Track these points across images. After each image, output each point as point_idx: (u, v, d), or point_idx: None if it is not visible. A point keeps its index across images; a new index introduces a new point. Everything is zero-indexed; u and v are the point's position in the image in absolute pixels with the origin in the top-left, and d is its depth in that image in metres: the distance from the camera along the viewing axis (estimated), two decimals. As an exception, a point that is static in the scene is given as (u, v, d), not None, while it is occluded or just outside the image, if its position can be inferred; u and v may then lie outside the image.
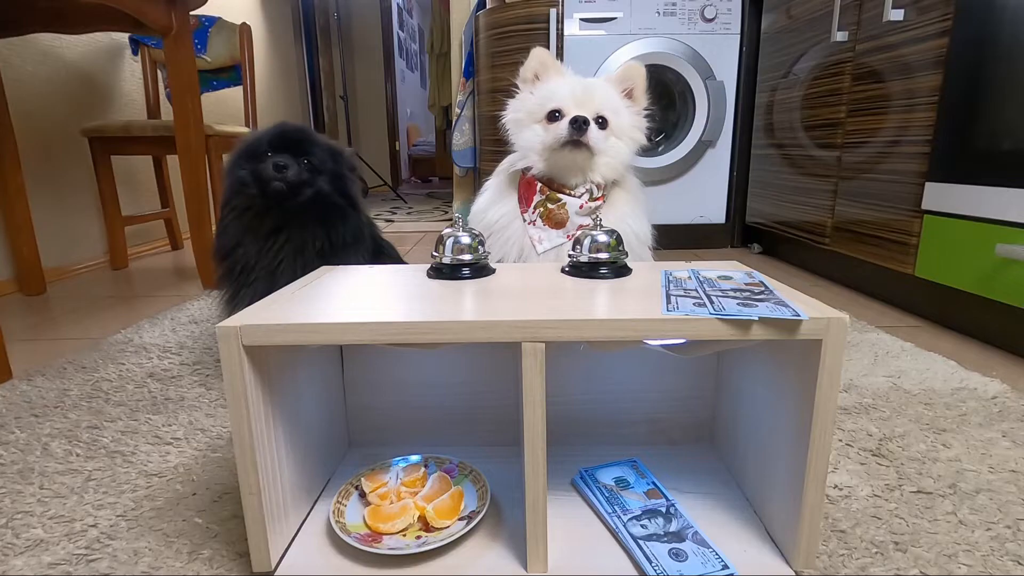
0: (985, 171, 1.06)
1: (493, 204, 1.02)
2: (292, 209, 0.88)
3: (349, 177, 0.94)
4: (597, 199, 0.95)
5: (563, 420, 0.72)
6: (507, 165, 1.03)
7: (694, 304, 0.50)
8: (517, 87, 1.01)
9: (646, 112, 0.99)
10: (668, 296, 0.53)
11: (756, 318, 0.46)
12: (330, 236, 0.90)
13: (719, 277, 0.59)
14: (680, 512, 0.58)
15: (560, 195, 0.94)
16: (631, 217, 0.96)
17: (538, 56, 0.98)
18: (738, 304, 0.49)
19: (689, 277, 0.60)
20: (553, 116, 0.94)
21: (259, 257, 0.88)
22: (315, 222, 0.89)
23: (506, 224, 0.98)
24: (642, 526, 0.56)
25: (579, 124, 0.89)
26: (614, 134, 0.95)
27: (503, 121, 1.01)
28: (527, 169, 0.97)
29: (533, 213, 0.95)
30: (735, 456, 0.65)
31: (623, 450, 0.70)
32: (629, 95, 0.98)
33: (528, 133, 0.96)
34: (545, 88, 0.96)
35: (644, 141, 0.99)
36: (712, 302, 0.50)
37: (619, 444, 0.72)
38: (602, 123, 0.93)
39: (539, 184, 0.95)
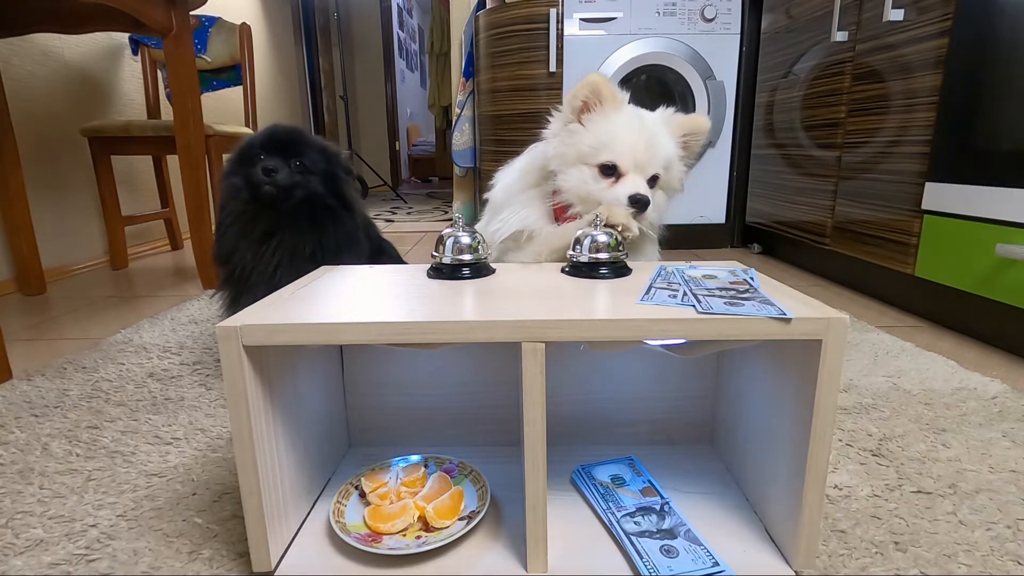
0: (985, 171, 1.06)
1: (518, 193, 0.95)
2: (284, 212, 0.88)
3: (343, 178, 0.93)
4: None
5: (563, 420, 0.71)
6: (541, 156, 0.94)
7: (668, 296, 0.51)
8: (551, 113, 0.92)
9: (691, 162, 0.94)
10: (649, 288, 0.55)
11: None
12: (321, 239, 0.89)
13: (704, 276, 0.60)
14: (674, 510, 0.58)
15: None
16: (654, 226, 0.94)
17: (592, 84, 0.85)
18: (724, 303, 0.49)
19: (672, 272, 0.62)
20: (607, 170, 0.85)
21: (255, 262, 0.87)
22: (306, 225, 0.89)
23: (527, 212, 0.92)
24: (635, 523, 0.56)
25: (641, 206, 0.82)
26: (661, 187, 0.90)
27: (548, 157, 0.90)
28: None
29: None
30: (735, 456, 0.65)
31: (623, 450, 0.70)
32: (685, 145, 0.91)
33: (575, 174, 0.86)
34: (602, 130, 0.85)
35: (681, 190, 0.94)
36: (699, 301, 0.50)
37: (619, 444, 0.72)
38: (653, 180, 0.87)
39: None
